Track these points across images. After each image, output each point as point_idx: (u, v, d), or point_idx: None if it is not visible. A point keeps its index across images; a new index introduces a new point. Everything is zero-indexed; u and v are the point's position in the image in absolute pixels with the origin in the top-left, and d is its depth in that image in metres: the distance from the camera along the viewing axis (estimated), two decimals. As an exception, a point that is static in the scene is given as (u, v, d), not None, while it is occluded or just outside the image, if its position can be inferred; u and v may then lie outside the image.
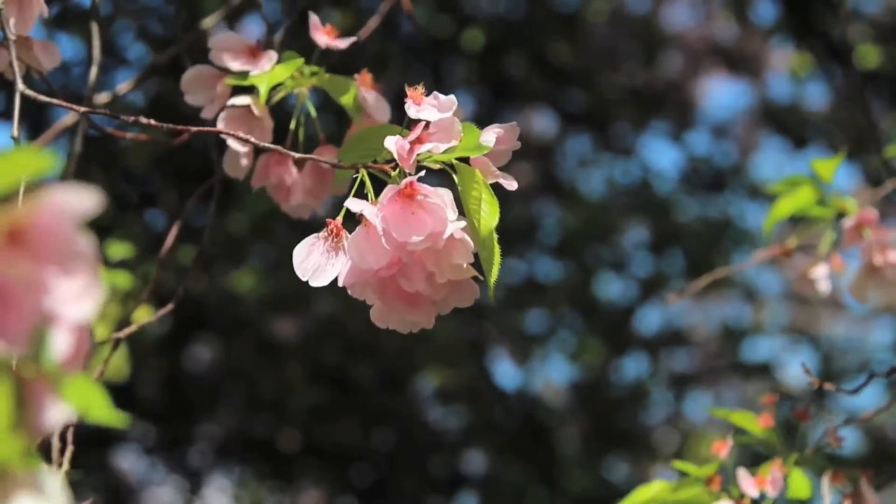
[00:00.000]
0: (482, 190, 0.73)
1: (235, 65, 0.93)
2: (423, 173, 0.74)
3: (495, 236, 0.74)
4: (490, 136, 0.74)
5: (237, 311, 2.83)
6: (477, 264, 0.77)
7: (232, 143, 0.93)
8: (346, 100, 0.93)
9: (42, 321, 0.46)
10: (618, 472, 3.30)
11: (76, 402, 0.50)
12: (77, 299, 0.46)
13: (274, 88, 0.94)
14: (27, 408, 0.47)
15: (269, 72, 0.92)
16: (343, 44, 0.94)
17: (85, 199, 0.45)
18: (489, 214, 0.73)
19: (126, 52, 2.54)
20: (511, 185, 0.75)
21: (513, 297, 3.20)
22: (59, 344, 0.46)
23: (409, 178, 0.73)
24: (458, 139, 0.74)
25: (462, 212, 0.75)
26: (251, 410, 3.04)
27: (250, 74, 0.92)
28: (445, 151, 0.74)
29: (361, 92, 0.93)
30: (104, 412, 0.52)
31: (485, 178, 0.74)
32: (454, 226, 0.72)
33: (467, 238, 0.73)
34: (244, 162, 0.95)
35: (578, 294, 3.21)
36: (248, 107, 0.93)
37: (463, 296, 0.77)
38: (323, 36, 0.94)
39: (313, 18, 0.94)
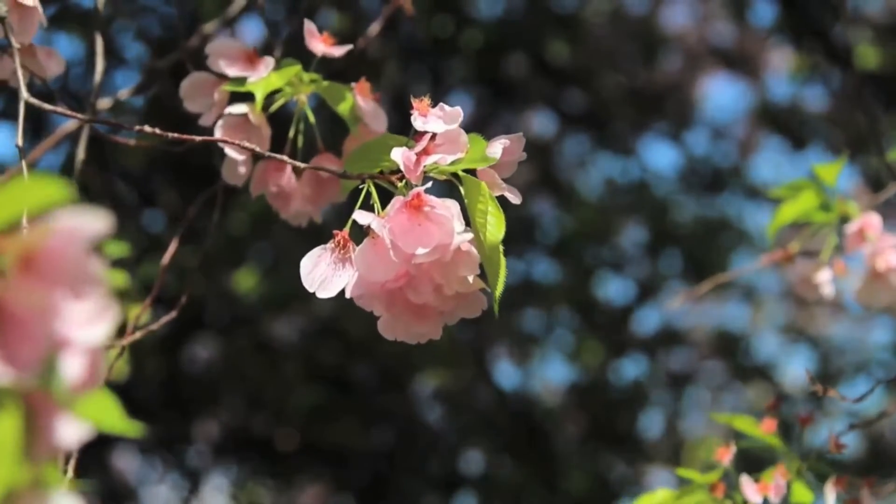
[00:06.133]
0: (488, 203, 0.73)
1: (232, 71, 0.92)
2: (429, 184, 0.74)
3: (501, 249, 0.74)
4: (496, 147, 0.74)
5: (236, 311, 2.82)
6: (483, 275, 0.76)
7: (229, 152, 0.92)
8: (343, 109, 0.93)
9: (54, 347, 0.45)
10: (615, 472, 3.30)
11: (89, 414, 0.49)
12: (89, 323, 0.45)
13: (273, 95, 0.94)
14: (39, 428, 0.46)
15: (265, 78, 0.91)
16: (339, 51, 0.93)
17: (94, 222, 0.44)
18: (495, 228, 0.72)
19: (125, 51, 2.54)
20: (516, 199, 0.75)
21: (511, 298, 3.19)
22: (72, 368, 0.46)
23: (416, 189, 0.72)
24: (464, 150, 0.74)
25: (469, 223, 0.74)
26: (250, 410, 3.04)
27: (247, 81, 0.91)
28: (452, 163, 0.74)
29: (358, 101, 0.92)
30: (117, 422, 0.52)
31: (491, 190, 0.74)
32: (461, 237, 0.72)
33: (474, 250, 0.73)
34: (242, 170, 0.94)
35: (577, 294, 3.20)
36: (245, 114, 0.92)
37: (471, 307, 0.77)
38: (319, 44, 0.93)
39: (309, 25, 0.92)
